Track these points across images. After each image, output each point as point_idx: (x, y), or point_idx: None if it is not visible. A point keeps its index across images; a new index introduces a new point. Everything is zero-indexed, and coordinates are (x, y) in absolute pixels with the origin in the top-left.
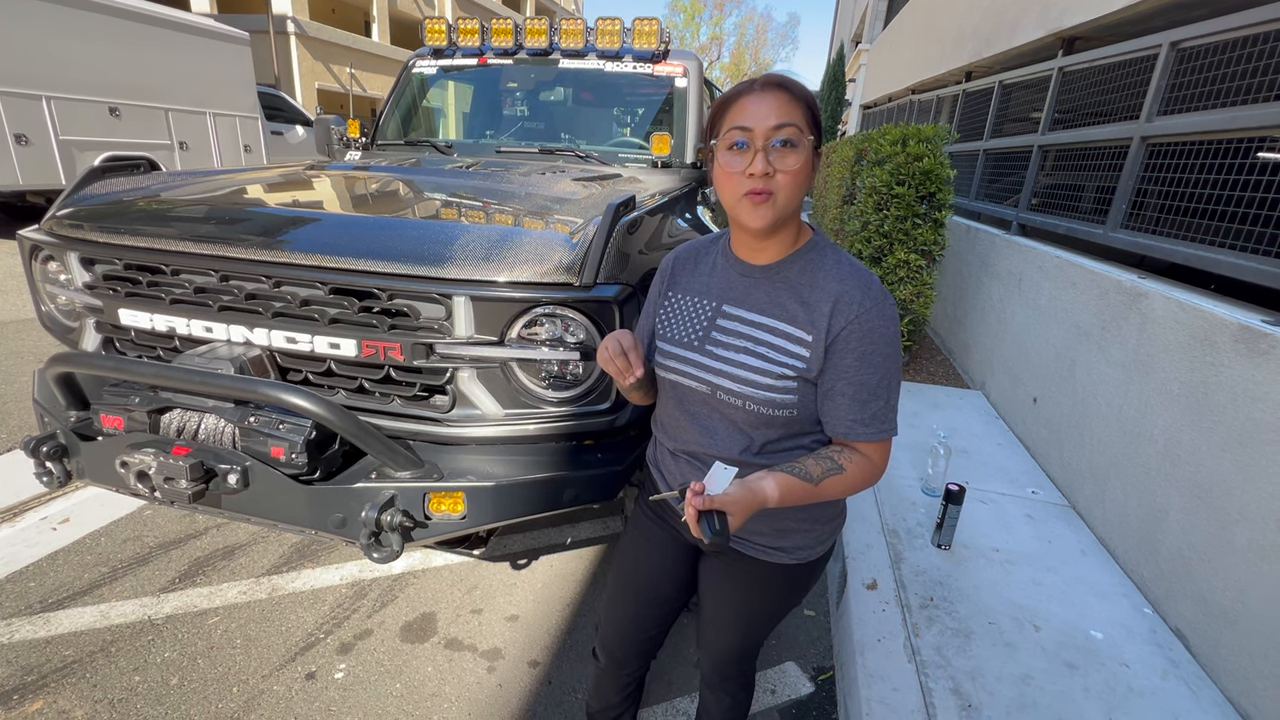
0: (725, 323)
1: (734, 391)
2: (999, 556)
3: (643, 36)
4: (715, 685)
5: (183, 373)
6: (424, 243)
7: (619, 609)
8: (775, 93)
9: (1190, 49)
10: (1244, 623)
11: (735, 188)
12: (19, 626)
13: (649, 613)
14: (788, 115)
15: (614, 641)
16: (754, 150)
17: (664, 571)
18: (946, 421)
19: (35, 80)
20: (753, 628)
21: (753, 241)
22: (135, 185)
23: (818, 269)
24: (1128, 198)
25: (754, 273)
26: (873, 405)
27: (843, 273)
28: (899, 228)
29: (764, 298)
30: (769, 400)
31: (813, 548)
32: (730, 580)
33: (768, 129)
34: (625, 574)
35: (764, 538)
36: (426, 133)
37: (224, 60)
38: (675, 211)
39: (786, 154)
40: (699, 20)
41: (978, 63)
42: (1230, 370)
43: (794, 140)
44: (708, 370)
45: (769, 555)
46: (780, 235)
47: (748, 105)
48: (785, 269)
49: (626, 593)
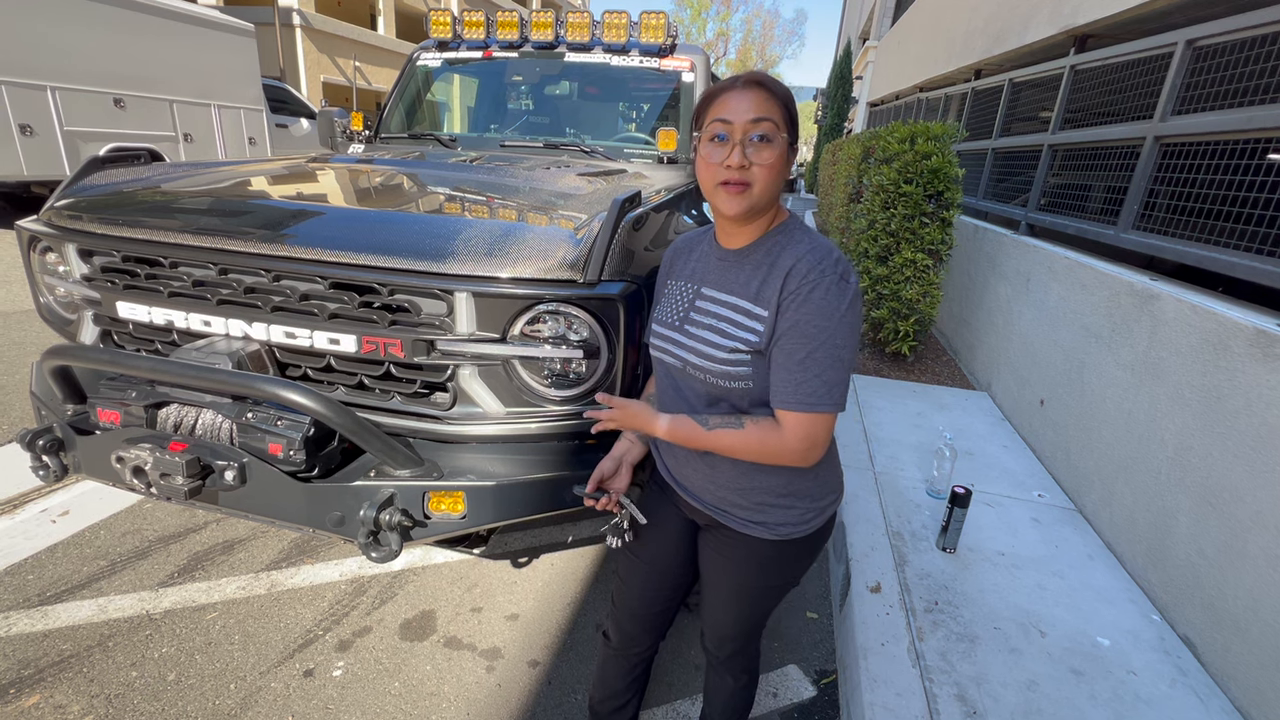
0: (702, 303)
1: (697, 365)
2: (1005, 560)
3: (649, 30)
4: (718, 664)
5: (180, 367)
6: (425, 237)
7: (629, 583)
8: (755, 90)
9: (1206, 47)
10: (1255, 631)
11: (713, 176)
12: (17, 620)
13: (657, 584)
14: (765, 111)
15: (625, 616)
16: (732, 144)
17: (668, 540)
18: (952, 423)
19: (40, 70)
20: (747, 603)
21: (730, 227)
22: (135, 176)
23: (783, 248)
24: (1140, 198)
25: (729, 256)
26: (798, 374)
27: (800, 250)
28: (906, 226)
29: (733, 278)
30: (724, 373)
31: (795, 525)
32: (721, 554)
33: (746, 123)
34: (635, 547)
35: (743, 511)
36: (430, 126)
37: (229, 52)
38: (680, 207)
39: (762, 148)
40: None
41: (987, 60)
42: (1244, 375)
43: (769, 135)
44: (681, 347)
45: (751, 530)
46: (756, 222)
47: (729, 100)
48: (754, 250)
49: (637, 567)
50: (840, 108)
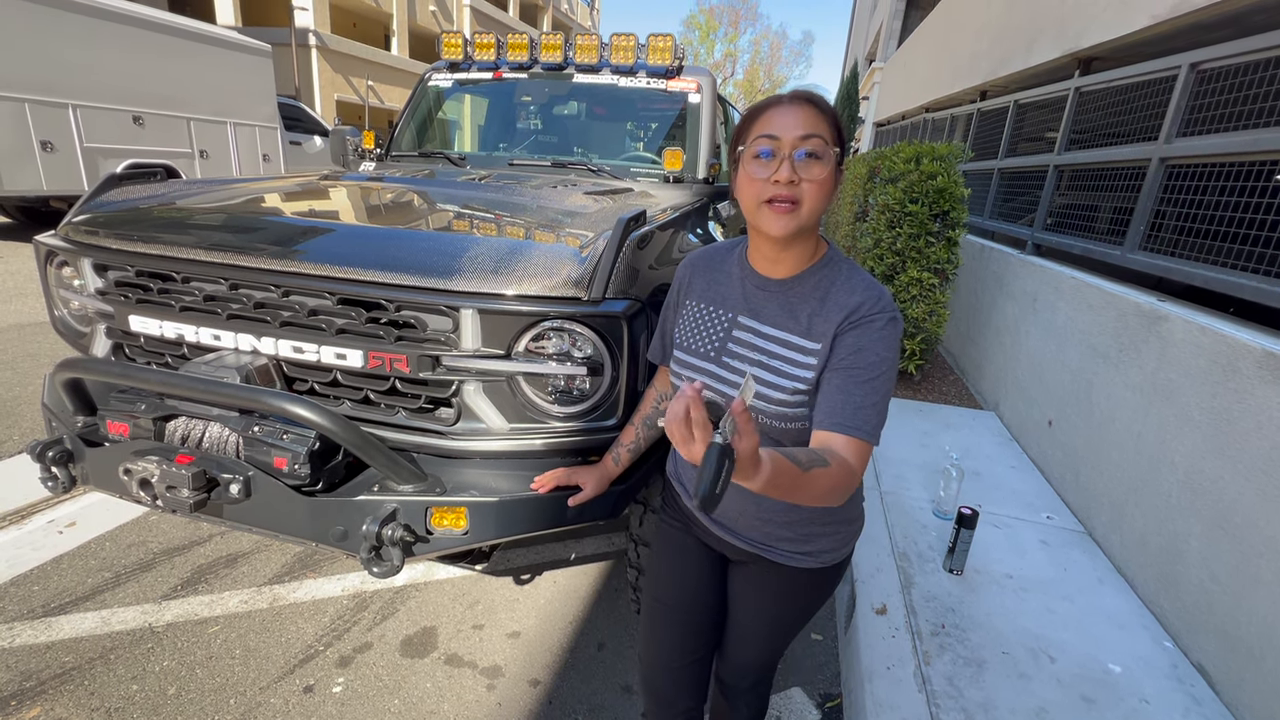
0: (740, 334)
1: None
2: (1013, 583)
3: (657, 52)
4: (735, 696)
5: (188, 380)
6: (432, 254)
7: (657, 633)
8: (803, 105)
9: (1210, 70)
10: (1270, 660)
11: (758, 194)
12: (20, 631)
13: (689, 629)
14: (814, 127)
15: (657, 674)
16: (780, 159)
17: (699, 579)
18: (959, 442)
19: (63, 89)
20: (779, 635)
21: (771, 252)
22: (151, 192)
23: (832, 283)
24: (1146, 219)
25: (769, 286)
26: (856, 398)
27: (855, 286)
28: (912, 245)
29: (778, 311)
30: (781, 414)
31: (836, 550)
32: (759, 588)
33: (795, 139)
34: (659, 593)
35: (790, 544)
36: (441, 145)
37: (246, 71)
38: (686, 226)
39: (811, 164)
40: (714, 37)
41: (993, 82)
42: (1253, 396)
43: (819, 152)
44: (723, 382)
45: (795, 560)
46: (798, 247)
47: (776, 116)
48: (801, 283)
49: (663, 614)
50: (847, 128)
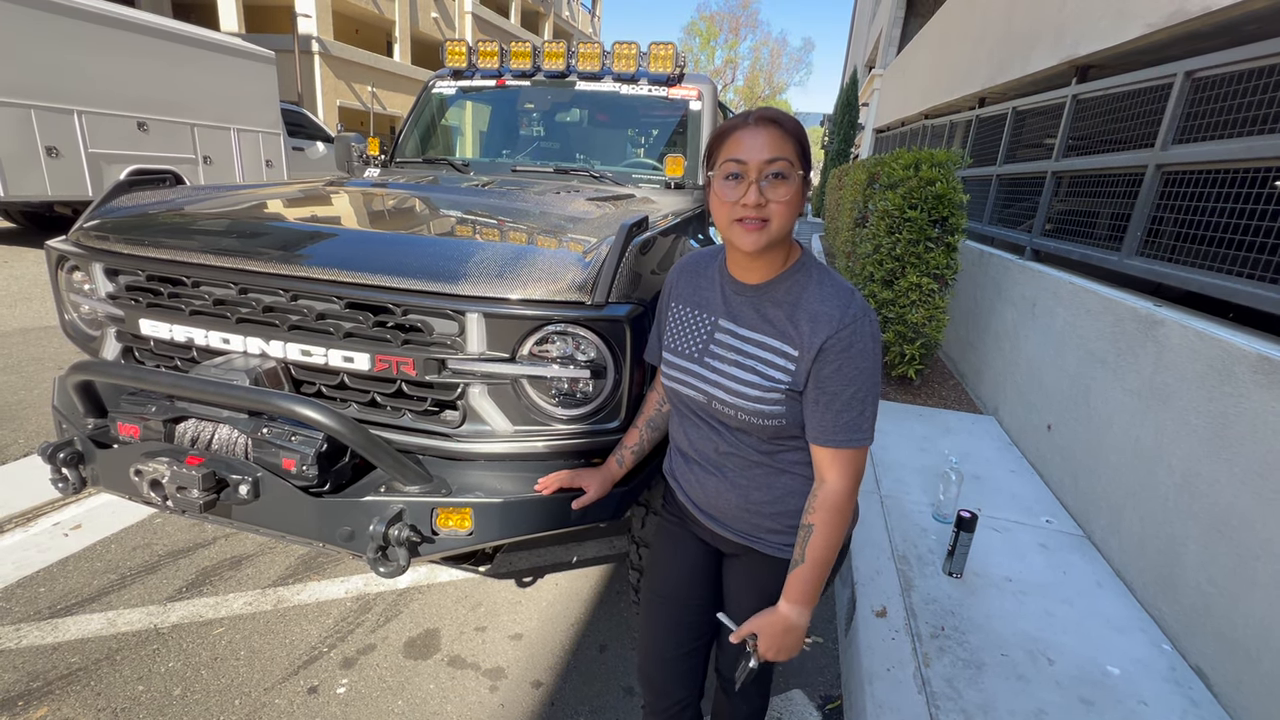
0: (721, 336)
1: (726, 401)
2: (1012, 586)
3: (658, 60)
4: (734, 692)
5: (198, 383)
6: (438, 259)
7: (652, 623)
8: (768, 128)
9: (1205, 78)
10: (1267, 662)
11: (729, 214)
12: (27, 632)
13: (682, 620)
14: (779, 150)
15: (653, 664)
16: (748, 182)
17: (692, 571)
18: (958, 447)
19: (68, 95)
20: None
21: (745, 261)
22: (160, 199)
23: (803, 289)
24: (1143, 225)
25: (745, 291)
26: (845, 414)
27: (824, 293)
28: (911, 251)
29: (754, 315)
30: (758, 411)
31: None
32: (750, 580)
33: (760, 162)
34: (654, 584)
35: (777, 535)
36: (444, 151)
37: (249, 78)
38: (687, 232)
39: (778, 185)
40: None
41: (991, 89)
42: (1249, 401)
43: (785, 173)
44: (705, 381)
45: (784, 552)
46: (770, 256)
47: (743, 139)
48: (773, 289)
49: (657, 605)
50: (847, 134)
